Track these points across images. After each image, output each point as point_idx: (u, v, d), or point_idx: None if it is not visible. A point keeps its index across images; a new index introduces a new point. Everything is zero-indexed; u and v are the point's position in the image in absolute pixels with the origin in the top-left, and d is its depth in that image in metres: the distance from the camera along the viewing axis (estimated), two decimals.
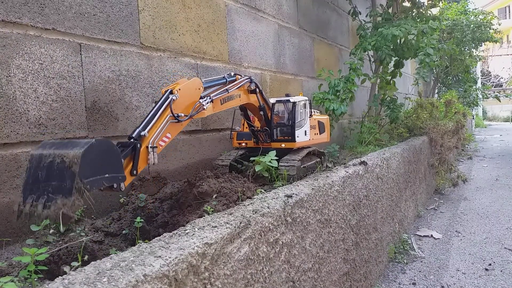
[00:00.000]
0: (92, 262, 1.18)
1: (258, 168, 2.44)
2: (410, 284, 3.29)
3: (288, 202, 1.97)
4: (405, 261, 3.73)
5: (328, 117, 3.48)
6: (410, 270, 3.55)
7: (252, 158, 2.52)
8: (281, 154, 2.68)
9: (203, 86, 2.11)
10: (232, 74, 2.42)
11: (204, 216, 1.74)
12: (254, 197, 2.06)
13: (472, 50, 11.33)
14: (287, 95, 2.92)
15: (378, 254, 3.35)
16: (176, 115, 1.85)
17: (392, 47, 5.07)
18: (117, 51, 2.43)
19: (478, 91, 12.94)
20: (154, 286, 1.13)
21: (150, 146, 1.73)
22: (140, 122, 1.77)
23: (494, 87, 23.28)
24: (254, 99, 2.63)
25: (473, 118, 17.24)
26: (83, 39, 2.23)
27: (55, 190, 1.29)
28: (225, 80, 2.33)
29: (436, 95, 12.47)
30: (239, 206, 1.86)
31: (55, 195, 1.28)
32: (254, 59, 3.84)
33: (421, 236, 4.44)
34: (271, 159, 2.41)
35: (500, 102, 14.62)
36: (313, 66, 5.14)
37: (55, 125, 2.08)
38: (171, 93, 1.86)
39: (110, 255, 1.25)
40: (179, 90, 1.89)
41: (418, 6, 5.95)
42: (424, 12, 5.99)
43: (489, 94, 15.79)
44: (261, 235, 1.71)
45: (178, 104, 1.89)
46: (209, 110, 2.12)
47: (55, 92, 2.09)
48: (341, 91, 4.47)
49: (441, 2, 7.66)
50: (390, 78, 5.61)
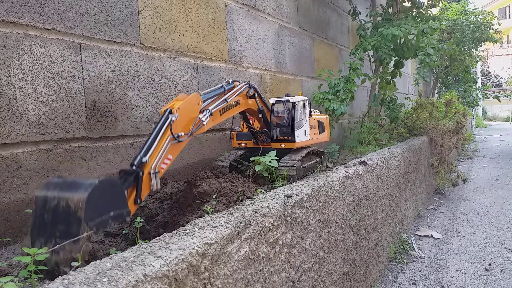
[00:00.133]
0: (92, 262, 1.18)
1: (258, 168, 2.44)
2: (410, 284, 3.29)
3: (288, 202, 1.97)
4: (405, 261, 3.73)
5: (327, 116, 3.48)
6: (410, 270, 3.55)
7: (252, 158, 2.52)
8: (281, 154, 2.68)
9: (202, 99, 2.09)
10: (230, 81, 2.39)
11: (204, 216, 1.74)
12: (254, 197, 2.06)
13: (472, 50, 11.32)
14: (287, 95, 2.92)
15: (378, 254, 3.35)
16: (176, 136, 1.83)
17: (392, 47, 5.07)
18: (117, 51, 2.43)
19: (478, 91, 12.93)
20: (154, 286, 1.13)
21: (152, 172, 1.72)
22: (141, 147, 1.76)
23: (494, 87, 23.28)
24: (253, 104, 2.62)
25: (473, 118, 17.24)
26: (83, 39, 2.23)
27: (62, 235, 1.31)
28: (223, 89, 2.30)
29: (436, 95, 12.46)
30: (239, 206, 1.86)
31: (63, 240, 1.30)
32: (254, 59, 3.84)
33: (421, 236, 4.44)
34: (271, 159, 2.41)
35: (500, 102, 14.63)
36: (313, 66, 5.14)
37: (55, 125, 2.08)
38: (170, 113, 1.84)
39: (110, 255, 1.25)
40: (178, 109, 1.87)
41: (418, 6, 5.96)
42: (424, 12, 5.99)
43: (489, 94, 15.80)
44: (261, 235, 1.71)
45: (178, 123, 1.87)
46: (208, 124, 2.10)
47: (55, 92, 2.09)
48: (341, 91, 4.47)
49: (441, 2, 7.66)
50: (390, 78, 5.62)
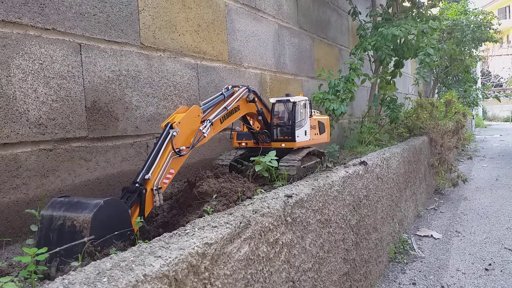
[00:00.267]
0: (92, 262, 1.18)
1: (258, 168, 2.44)
2: (410, 284, 3.29)
3: (288, 202, 1.97)
4: (405, 261, 3.73)
5: (328, 117, 3.48)
6: (410, 270, 3.55)
7: (252, 158, 2.52)
8: (281, 154, 2.68)
9: (202, 110, 2.11)
10: (229, 87, 2.39)
11: (204, 216, 1.74)
12: (254, 197, 2.06)
13: (472, 50, 11.32)
14: (287, 95, 2.92)
15: (378, 254, 3.35)
16: (177, 150, 1.86)
17: (392, 47, 5.07)
18: (117, 51, 2.43)
19: (478, 91, 12.93)
20: (154, 286, 1.13)
21: (155, 189, 1.75)
22: (143, 163, 1.79)
23: (494, 87, 23.28)
24: (253, 107, 2.62)
25: (473, 118, 17.23)
26: (83, 39, 2.23)
27: (68, 254, 1.34)
28: (223, 96, 2.30)
29: (436, 95, 12.46)
30: (239, 206, 1.86)
31: (68, 259, 1.33)
32: (254, 59, 3.84)
33: (421, 236, 4.44)
34: (271, 159, 2.41)
35: (500, 102, 14.64)
36: (313, 66, 5.14)
37: (55, 125, 2.08)
38: (171, 127, 1.86)
39: (110, 255, 1.25)
40: (179, 123, 1.89)
41: (418, 6, 5.95)
42: (424, 12, 5.99)
43: (489, 94, 15.80)
44: (261, 235, 1.71)
45: (179, 138, 1.89)
46: (209, 134, 2.12)
47: (55, 92, 2.09)
48: (341, 91, 4.47)
49: (441, 2, 7.66)
50: (390, 78, 5.62)
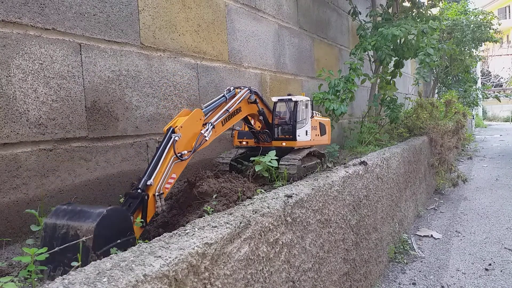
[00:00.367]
0: (92, 262, 1.18)
1: (258, 168, 2.44)
2: (410, 284, 3.29)
3: (288, 202, 1.97)
4: (405, 261, 3.73)
5: (329, 119, 3.48)
6: (410, 270, 3.55)
7: (252, 158, 2.52)
8: (282, 153, 2.68)
9: (204, 113, 2.11)
10: (231, 89, 2.39)
11: (204, 216, 1.74)
12: (254, 197, 2.06)
13: (472, 50, 11.32)
14: (289, 95, 2.93)
15: (378, 254, 3.35)
16: (179, 155, 1.86)
17: (392, 47, 5.07)
18: (117, 51, 2.43)
19: (478, 91, 12.93)
20: (154, 286, 1.13)
21: (157, 194, 1.75)
22: (146, 168, 1.79)
23: (494, 87, 23.28)
24: (254, 108, 2.62)
25: (473, 118, 17.23)
26: (83, 39, 2.23)
27: (71, 262, 1.34)
28: (225, 98, 2.30)
29: (436, 95, 12.46)
30: (239, 206, 1.86)
31: (71, 268, 1.33)
32: (254, 59, 3.84)
33: (421, 236, 4.44)
34: (271, 159, 2.41)
35: (500, 102, 14.64)
36: (313, 66, 5.14)
37: (55, 125, 2.08)
38: (173, 132, 1.86)
39: (110, 255, 1.25)
40: (181, 128, 1.90)
41: (418, 6, 5.95)
42: (424, 12, 5.99)
43: (489, 94, 15.80)
44: (261, 235, 1.71)
45: (181, 142, 1.89)
46: (211, 137, 2.11)
47: (55, 92, 2.09)
48: (341, 91, 4.46)
49: (441, 2, 7.66)
50: (390, 78, 5.61)
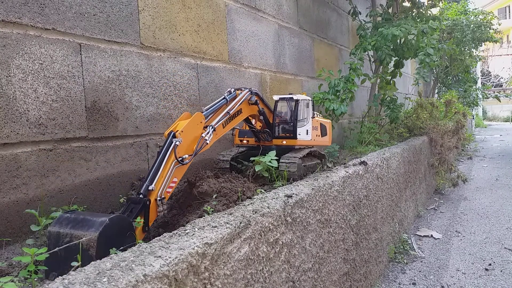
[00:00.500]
0: (92, 262, 1.18)
1: (258, 168, 2.44)
2: (410, 284, 3.29)
3: (288, 202, 1.97)
4: (405, 261, 3.73)
5: (330, 121, 3.48)
6: (410, 270, 3.55)
7: (252, 158, 2.52)
8: (282, 153, 2.68)
9: (205, 116, 2.11)
10: (232, 90, 2.39)
11: (204, 216, 1.74)
12: (254, 197, 2.06)
13: (472, 50, 11.32)
14: (290, 94, 2.93)
15: (378, 254, 3.35)
16: (180, 159, 1.87)
17: (392, 47, 5.07)
18: (117, 51, 2.43)
19: (478, 91, 12.93)
20: (154, 286, 1.13)
21: (158, 199, 1.77)
22: (147, 173, 1.80)
23: (494, 87, 23.28)
24: (255, 109, 2.62)
25: (473, 118, 17.23)
26: (83, 39, 2.23)
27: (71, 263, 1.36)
28: (225, 100, 2.30)
29: (436, 95, 12.46)
30: (239, 206, 1.86)
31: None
32: (254, 59, 3.84)
33: (421, 236, 4.44)
34: (271, 159, 2.41)
35: (500, 102, 14.64)
36: (313, 66, 5.14)
37: (55, 125, 2.08)
38: (174, 136, 1.87)
39: (110, 255, 1.25)
40: (182, 132, 1.90)
41: (418, 6, 5.95)
42: (424, 12, 5.99)
43: (489, 94, 15.80)
44: (261, 235, 1.71)
45: (182, 146, 1.90)
46: (212, 140, 2.12)
47: (55, 92, 2.09)
48: (341, 91, 4.46)
49: (441, 2, 7.66)
50: (390, 78, 5.61)
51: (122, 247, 1.49)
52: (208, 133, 2.07)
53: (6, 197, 1.86)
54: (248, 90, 2.51)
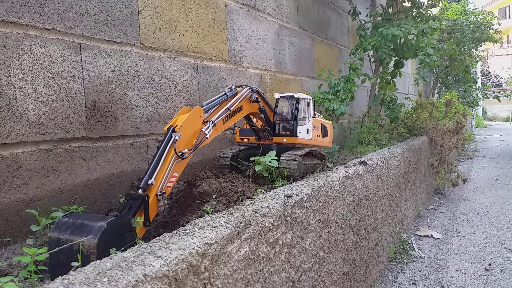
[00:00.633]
0: (92, 262, 1.18)
1: (258, 168, 2.44)
2: (410, 284, 3.29)
3: (288, 202, 1.97)
4: (405, 261, 3.73)
5: (331, 122, 3.48)
6: (410, 270, 3.55)
7: (252, 158, 2.52)
8: (282, 151, 2.68)
9: (204, 110, 2.10)
10: (233, 87, 2.38)
11: (204, 216, 1.74)
12: (254, 197, 2.06)
13: (472, 50, 11.32)
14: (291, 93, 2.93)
15: (378, 254, 3.35)
16: (180, 154, 1.86)
17: (392, 47, 5.07)
18: (117, 51, 2.43)
19: (478, 91, 12.93)
20: (154, 286, 1.13)
21: (159, 194, 1.75)
22: (147, 168, 1.79)
23: (494, 87, 23.29)
24: (256, 107, 2.62)
25: (473, 118, 17.23)
26: (83, 39, 2.23)
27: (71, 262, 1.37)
28: (226, 96, 2.29)
29: (436, 95, 12.46)
30: (239, 206, 1.86)
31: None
32: (254, 59, 3.84)
33: (421, 236, 4.44)
34: (271, 159, 2.41)
35: (500, 102, 14.64)
36: (313, 66, 5.14)
37: (55, 125, 2.08)
38: (174, 131, 1.87)
39: (110, 255, 1.25)
40: (181, 127, 1.90)
41: (418, 6, 5.95)
42: (424, 12, 5.99)
43: (489, 94, 15.81)
44: (261, 235, 1.71)
45: (182, 141, 1.89)
46: (212, 135, 2.11)
47: (55, 92, 2.09)
48: (341, 91, 4.46)
49: (441, 2, 7.66)
50: (390, 78, 5.61)
51: (122, 248, 1.49)
52: (208, 127, 2.06)
53: (6, 197, 1.86)
54: (249, 87, 2.51)
